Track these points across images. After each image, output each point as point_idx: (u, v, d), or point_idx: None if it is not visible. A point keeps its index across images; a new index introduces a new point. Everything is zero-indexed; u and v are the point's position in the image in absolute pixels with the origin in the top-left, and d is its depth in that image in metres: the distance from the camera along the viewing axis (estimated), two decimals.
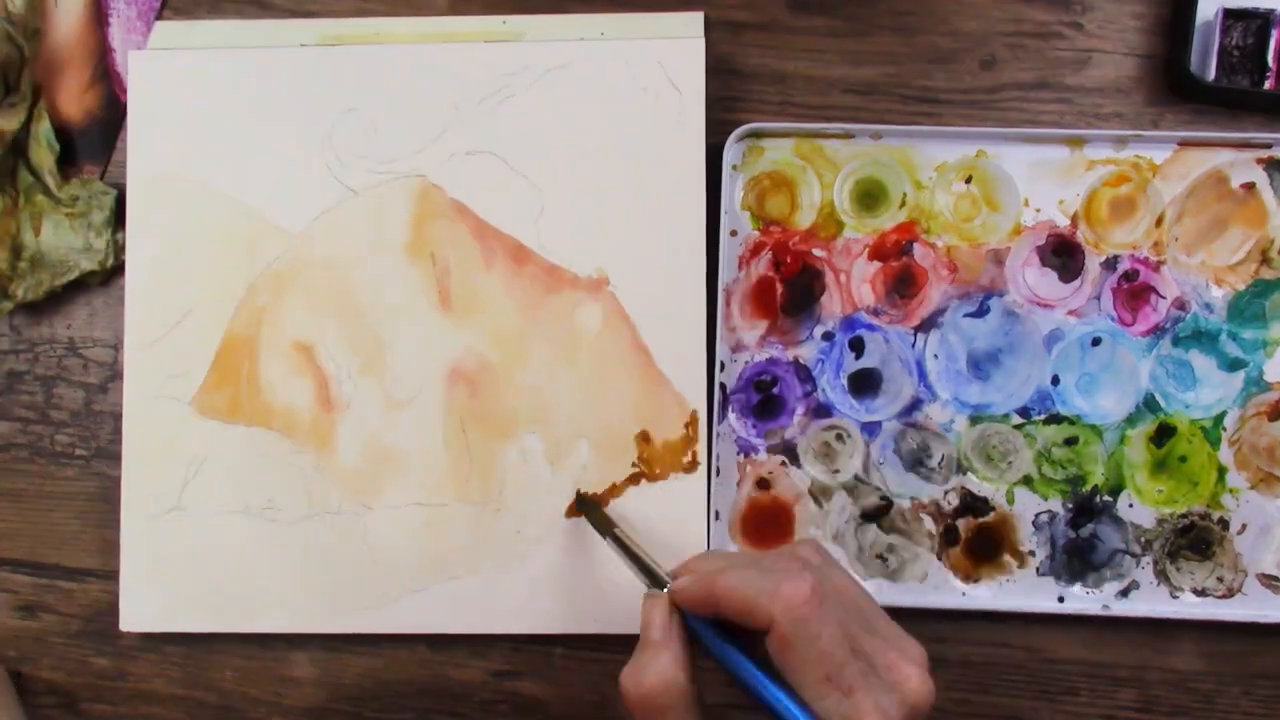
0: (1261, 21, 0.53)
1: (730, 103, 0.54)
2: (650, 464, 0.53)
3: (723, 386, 0.53)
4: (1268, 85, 0.53)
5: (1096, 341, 0.53)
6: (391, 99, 0.54)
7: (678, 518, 0.53)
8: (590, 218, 0.53)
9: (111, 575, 0.55)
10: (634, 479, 0.53)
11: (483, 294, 0.54)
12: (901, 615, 0.53)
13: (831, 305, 0.54)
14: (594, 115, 0.53)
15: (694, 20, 0.54)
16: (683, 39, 0.53)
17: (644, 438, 0.53)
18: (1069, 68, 0.54)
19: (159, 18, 0.55)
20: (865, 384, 0.54)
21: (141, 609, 0.54)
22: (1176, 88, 0.53)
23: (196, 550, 0.54)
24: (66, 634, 0.56)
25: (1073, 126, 0.54)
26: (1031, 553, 0.53)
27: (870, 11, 0.54)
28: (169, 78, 0.54)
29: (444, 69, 0.54)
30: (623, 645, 0.54)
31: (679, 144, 0.53)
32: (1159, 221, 0.53)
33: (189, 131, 0.54)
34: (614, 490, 0.53)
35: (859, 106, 0.54)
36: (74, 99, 0.56)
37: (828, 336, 0.54)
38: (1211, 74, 0.53)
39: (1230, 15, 0.53)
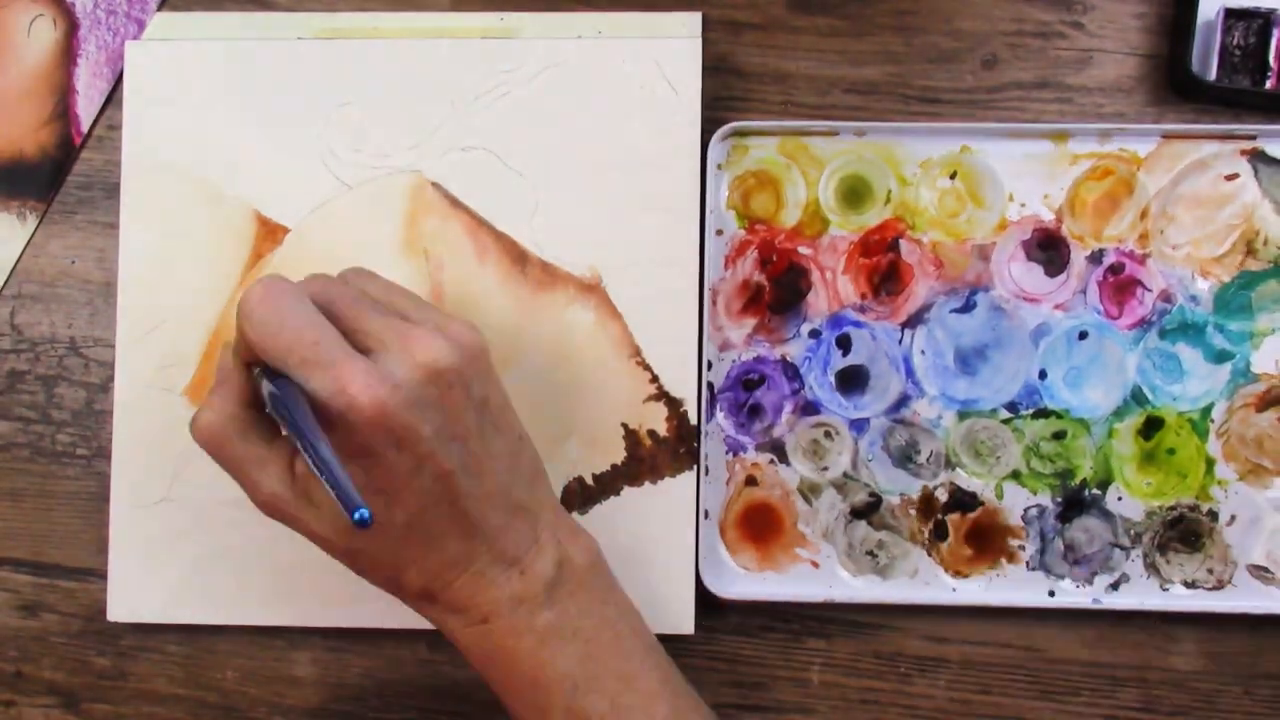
0: (1263, 21, 0.53)
1: (731, 102, 0.54)
2: (642, 463, 0.53)
3: (710, 385, 0.54)
4: (1269, 85, 0.52)
5: (1083, 335, 0.53)
6: (387, 94, 0.54)
7: (669, 518, 0.53)
8: (585, 216, 0.53)
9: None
10: (629, 479, 0.53)
11: (476, 291, 0.54)
12: (894, 611, 0.54)
13: (818, 303, 0.54)
14: (590, 114, 0.53)
15: (692, 20, 0.54)
16: (680, 39, 0.53)
17: (634, 436, 0.53)
18: (1070, 67, 0.54)
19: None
20: (853, 381, 0.54)
21: (130, 600, 0.54)
22: (1178, 87, 0.53)
23: (187, 542, 0.54)
24: (67, 634, 0.56)
25: (1034, 122, 0.54)
26: (1021, 547, 0.53)
27: (871, 11, 0.54)
28: (165, 69, 0.54)
29: (440, 65, 0.54)
30: None
31: (675, 144, 0.53)
32: (1144, 214, 0.53)
33: (184, 123, 0.54)
34: (608, 489, 0.54)
35: (860, 106, 0.54)
36: (30, 132, 0.56)
37: (815, 334, 0.54)
38: (1213, 74, 0.53)
39: (1231, 15, 0.53)
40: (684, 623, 0.53)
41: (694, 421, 0.53)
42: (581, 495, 0.54)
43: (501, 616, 0.45)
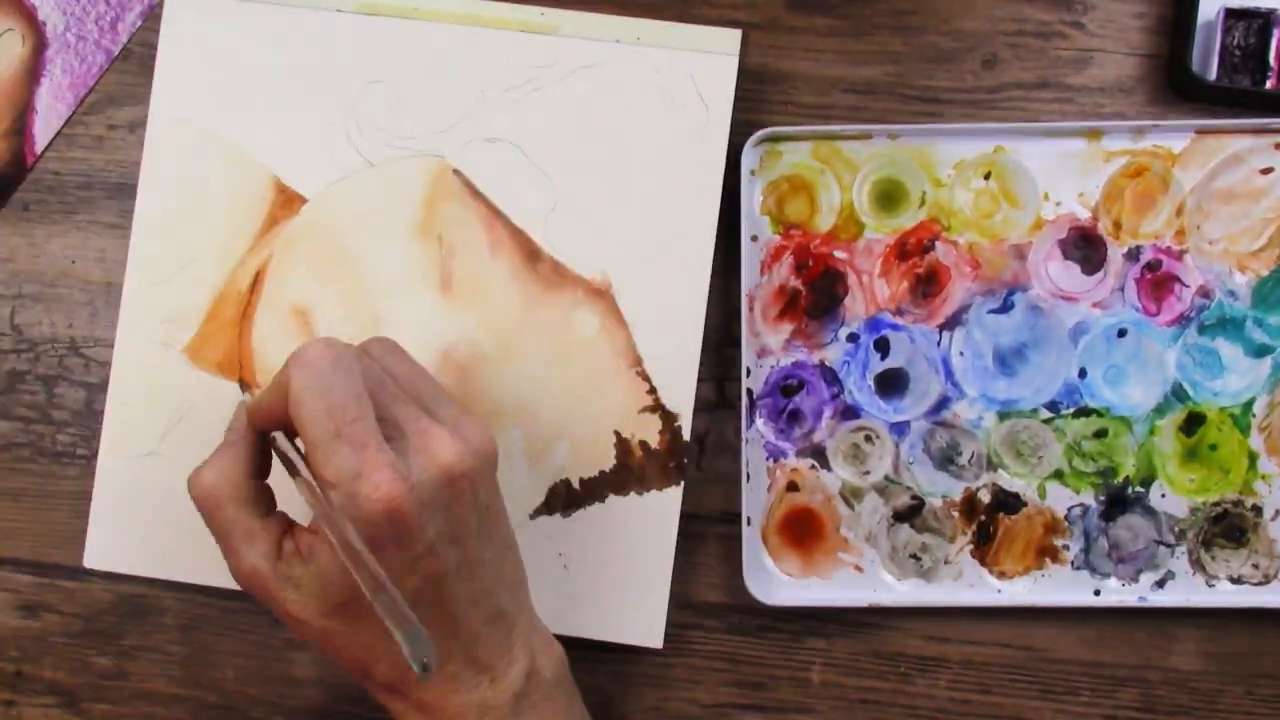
0: (1263, 21, 0.53)
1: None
2: (630, 473, 0.53)
3: (749, 392, 0.53)
4: (1269, 85, 0.53)
5: (1122, 333, 0.53)
6: (419, 76, 0.54)
7: (651, 531, 0.53)
8: (601, 220, 0.53)
9: (114, 575, 0.54)
10: (615, 487, 0.53)
11: (484, 282, 0.53)
12: (935, 614, 0.54)
13: (855, 307, 0.54)
14: (619, 119, 0.53)
15: (731, 36, 0.54)
16: (717, 54, 0.53)
17: (626, 446, 0.53)
18: (1070, 67, 0.54)
19: (90, 94, 0.56)
20: (892, 384, 0.54)
21: (106, 549, 0.54)
22: (1178, 87, 0.54)
23: (170, 497, 0.52)
24: (67, 634, 0.55)
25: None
26: (1065, 547, 0.53)
27: (871, 11, 0.55)
28: (202, 22, 0.54)
29: (475, 53, 0.54)
30: (623, 649, 0.54)
31: (700, 158, 0.53)
32: (1180, 210, 0.53)
33: (215, 81, 0.54)
34: (593, 495, 0.53)
35: (859, 106, 0.54)
36: None
37: (853, 338, 0.54)
38: (1213, 74, 0.53)
39: (1231, 15, 0.53)
40: (653, 636, 0.53)
41: (686, 437, 0.53)
42: (566, 498, 0.53)
43: None
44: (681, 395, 0.53)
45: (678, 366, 0.53)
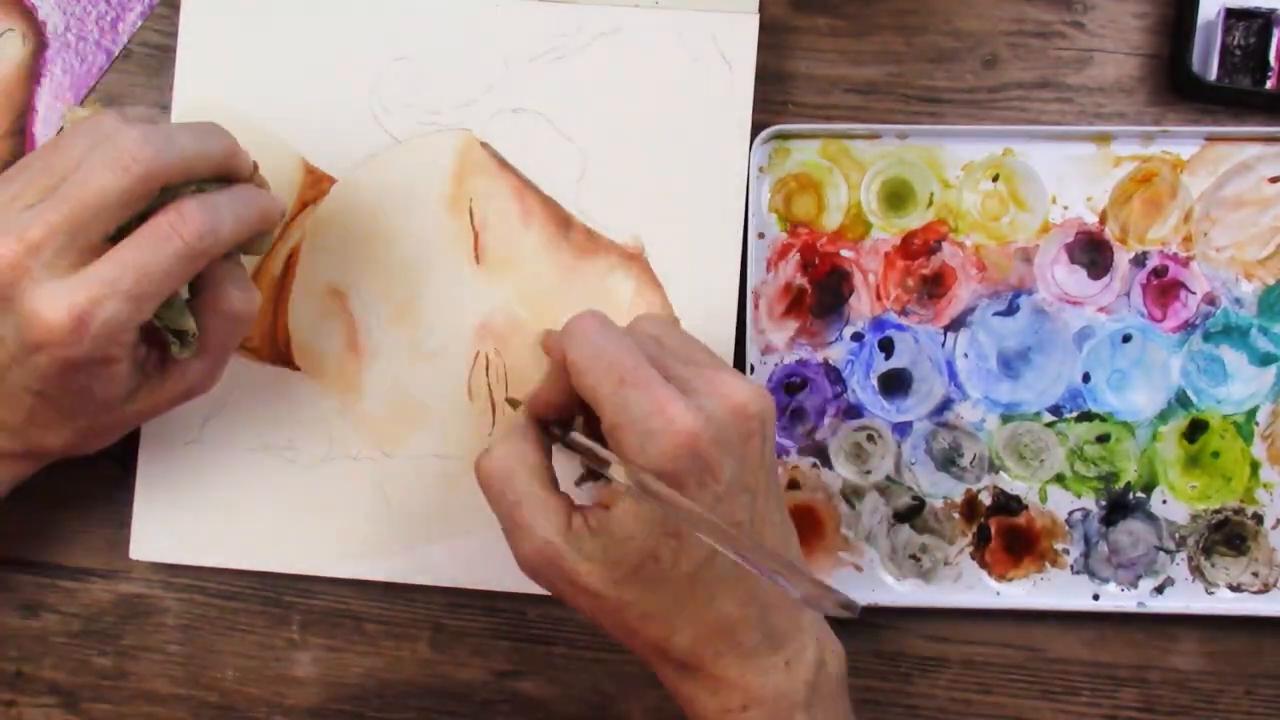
0: (1263, 21, 0.53)
1: None
2: None
3: None
4: (1269, 85, 0.53)
5: (1127, 338, 0.53)
6: (442, 50, 0.54)
7: None
8: (631, 184, 0.53)
9: (114, 575, 0.54)
10: None
11: (518, 252, 0.53)
12: (936, 615, 0.54)
13: (860, 306, 0.54)
14: (643, 83, 0.53)
15: None
16: (737, 14, 0.53)
17: None
18: (1071, 67, 0.54)
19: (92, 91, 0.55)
20: (895, 384, 0.54)
21: (151, 539, 0.54)
22: (1178, 87, 0.54)
23: (212, 485, 0.53)
24: (68, 634, 0.55)
25: (1076, 125, 0.54)
26: (1065, 550, 0.53)
27: (872, 11, 0.54)
28: (222, 9, 0.54)
29: (496, 25, 0.53)
30: (622, 647, 0.54)
31: (725, 118, 0.53)
32: (1187, 217, 0.53)
33: (238, 64, 0.54)
34: None
35: (860, 106, 0.54)
36: None
37: (857, 337, 0.54)
38: (1213, 74, 0.53)
39: (1232, 15, 0.53)
40: None
41: None
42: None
43: (763, 706, 0.43)
44: (720, 352, 0.53)
45: (716, 323, 0.53)
